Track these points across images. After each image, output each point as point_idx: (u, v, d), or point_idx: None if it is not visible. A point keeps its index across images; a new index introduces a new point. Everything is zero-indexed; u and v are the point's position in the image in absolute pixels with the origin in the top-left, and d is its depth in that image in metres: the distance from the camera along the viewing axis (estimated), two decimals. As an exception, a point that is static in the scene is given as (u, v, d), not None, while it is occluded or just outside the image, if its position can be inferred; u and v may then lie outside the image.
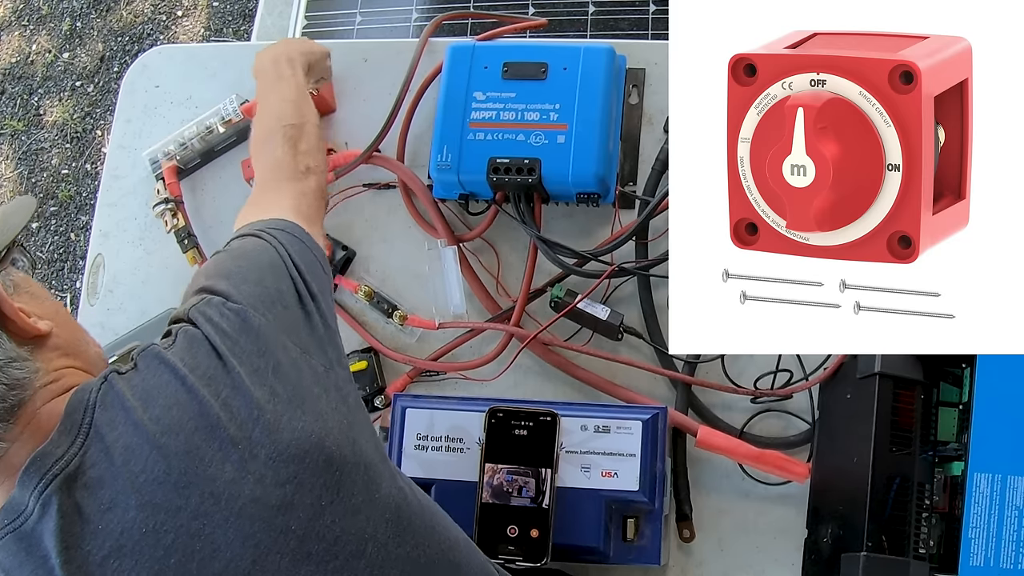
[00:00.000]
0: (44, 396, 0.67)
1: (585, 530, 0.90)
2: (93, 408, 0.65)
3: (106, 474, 0.63)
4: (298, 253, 0.78)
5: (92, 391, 0.66)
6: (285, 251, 0.77)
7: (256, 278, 0.74)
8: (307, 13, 1.64)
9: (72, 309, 2.31)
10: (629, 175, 1.11)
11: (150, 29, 2.49)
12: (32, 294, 0.70)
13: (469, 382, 1.08)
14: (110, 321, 1.21)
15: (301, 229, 0.82)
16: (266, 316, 0.70)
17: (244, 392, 0.66)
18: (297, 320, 0.73)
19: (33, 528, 0.62)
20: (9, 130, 2.51)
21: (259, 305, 0.71)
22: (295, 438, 0.65)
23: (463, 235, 1.11)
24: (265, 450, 0.64)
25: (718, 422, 1.02)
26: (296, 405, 0.67)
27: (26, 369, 0.66)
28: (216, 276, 0.74)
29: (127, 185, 1.25)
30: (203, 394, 0.65)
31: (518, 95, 1.05)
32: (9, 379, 0.64)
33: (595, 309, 1.03)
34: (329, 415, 0.68)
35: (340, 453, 0.67)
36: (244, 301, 0.71)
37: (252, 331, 0.69)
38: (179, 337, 0.69)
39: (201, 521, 0.63)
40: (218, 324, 0.69)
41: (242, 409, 0.65)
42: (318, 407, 0.68)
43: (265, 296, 0.72)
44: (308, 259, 0.79)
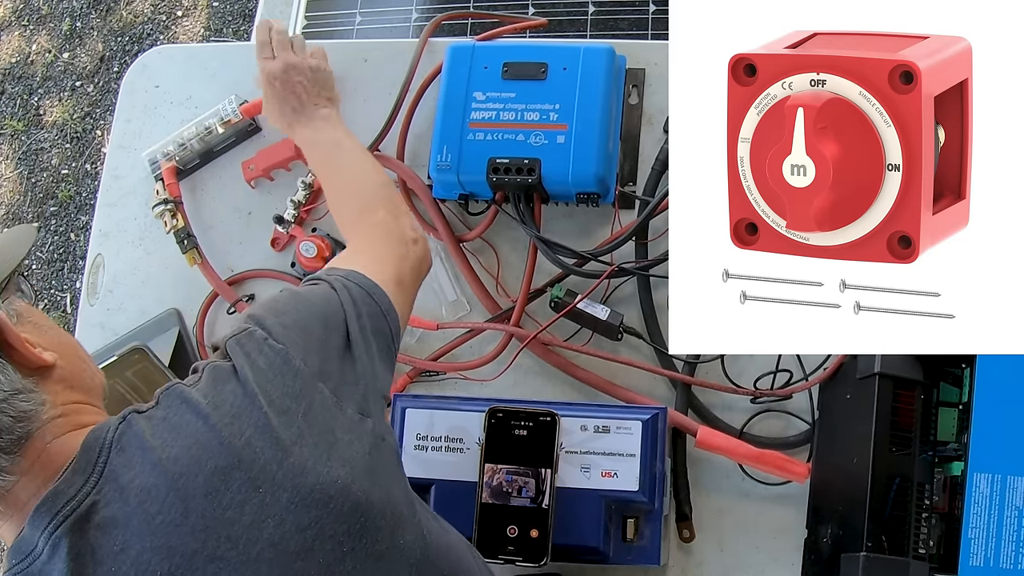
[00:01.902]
0: (53, 431, 0.65)
1: (585, 530, 0.90)
2: (110, 447, 0.64)
3: (120, 515, 0.61)
4: (367, 314, 0.75)
5: (110, 430, 0.65)
6: (353, 306, 0.74)
7: (304, 324, 0.72)
8: (307, 13, 1.63)
9: (72, 309, 2.31)
10: (629, 175, 1.11)
11: (150, 29, 2.49)
12: (36, 324, 0.69)
13: (469, 382, 1.08)
14: (110, 321, 1.21)
15: (382, 292, 0.78)
16: (306, 361, 0.68)
17: (270, 432, 0.64)
18: (337, 368, 0.70)
19: (41, 570, 0.61)
20: (9, 130, 2.51)
21: (301, 350, 0.69)
22: (320, 482, 0.63)
23: (463, 235, 1.11)
24: (287, 493, 0.63)
25: (718, 422, 1.02)
26: (324, 450, 0.65)
27: (32, 401, 0.64)
28: (269, 310, 0.72)
29: (127, 185, 1.25)
30: (225, 434, 0.63)
31: (518, 95, 1.05)
32: (15, 411, 0.63)
33: (595, 309, 1.03)
34: (358, 461, 0.66)
35: (367, 499, 0.65)
36: (287, 343, 0.69)
37: (289, 372, 0.67)
38: (205, 374, 0.67)
39: (217, 565, 0.61)
40: (255, 361, 0.67)
41: (266, 450, 0.63)
42: (347, 453, 0.66)
43: (308, 343, 0.70)
44: (376, 323, 0.76)
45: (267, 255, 1.19)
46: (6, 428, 0.62)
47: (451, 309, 1.12)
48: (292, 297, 0.75)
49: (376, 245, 0.87)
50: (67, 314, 2.33)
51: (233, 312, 1.16)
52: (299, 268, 1.15)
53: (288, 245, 1.18)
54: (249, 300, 1.17)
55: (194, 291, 1.18)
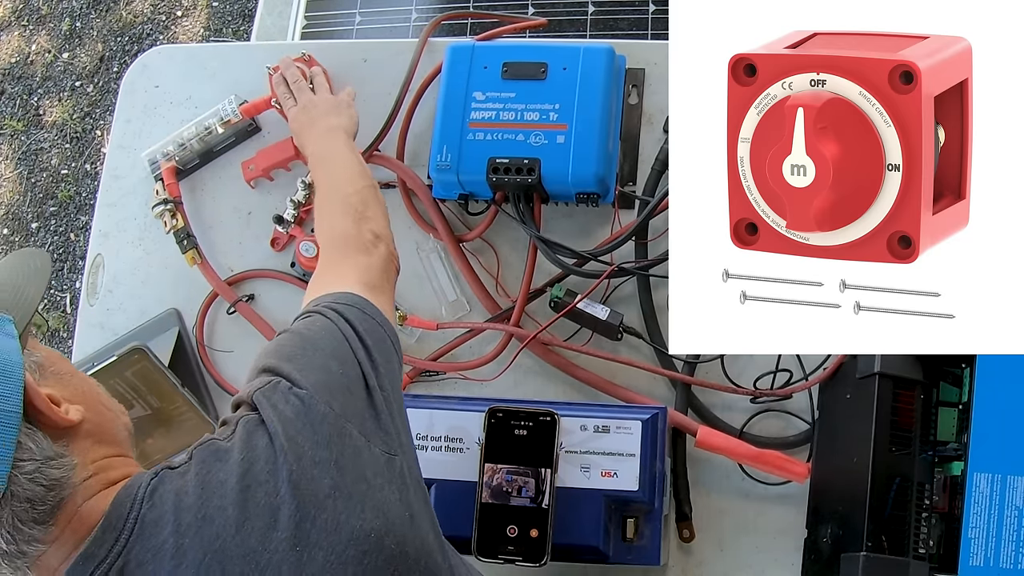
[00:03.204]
0: (84, 492, 0.64)
1: (585, 530, 0.90)
2: (141, 503, 0.63)
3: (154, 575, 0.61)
4: (366, 331, 0.75)
5: (141, 487, 0.64)
6: (351, 329, 0.75)
7: (321, 363, 0.71)
8: (307, 13, 1.64)
9: (72, 309, 2.31)
10: (629, 175, 1.11)
11: (150, 29, 2.49)
12: (57, 373, 0.67)
13: (469, 382, 1.08)
14: (110, 321, 1.21)
15: (369, 304, 0.79)
16: (331, 404, 0.68)
17: (303, 487, 0.63)
18: (361, 405, 0.70)
19: None
20: (9, 130, 2.51)
21: (324, 392, 0.68)
22: (354, 537, 0.63)
23: (463, 235, 1.11)
24: (323, 552, 0.62)
25: (718, 422, 1.02)
26: (358, 500, 0.64)
27: (64, 467, 0.62)
28: (282, 358, 0.72)
29: (127, 185, 1.25)
30: (259, 494, 0.62)
31: (518, 95, 1.05)
32: (48, 479, 0.61)
33: (595, 309, 1.03)
34: (391, 507, 0.66)
35: (401, 550, 0.65)
36: (310, 387, 0.68)
37: (317, 420, 0.67)
38: (239, 429, 0.67)
39: None
40: (282, 412, 0.67)
41: (301, 507, 0.63)
42: (379, 499, 0.66)
43: (330, 382, 0.70)
44: (376, 335, 0.76)
45: (267, 255, 1.19)
46: (39, 498, 0.61)
47: (451, 309, 1.12)
48: (298, 340, 0.74)
49: (339, 262, 0.87)
50: (67, 314, 2.33)
51: (233, 312, 1.17)
52: (299, 268, 1.15)
53: (288, 245, 1.18)
54: (249, 300, 1.17)
55: (194, 291, 1.18)
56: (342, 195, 0.93)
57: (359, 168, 0.97)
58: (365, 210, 0.91)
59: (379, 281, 0.85)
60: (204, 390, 1.17)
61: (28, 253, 0.72)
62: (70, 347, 1.38)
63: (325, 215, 0.93)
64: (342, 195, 0.93)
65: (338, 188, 0.94)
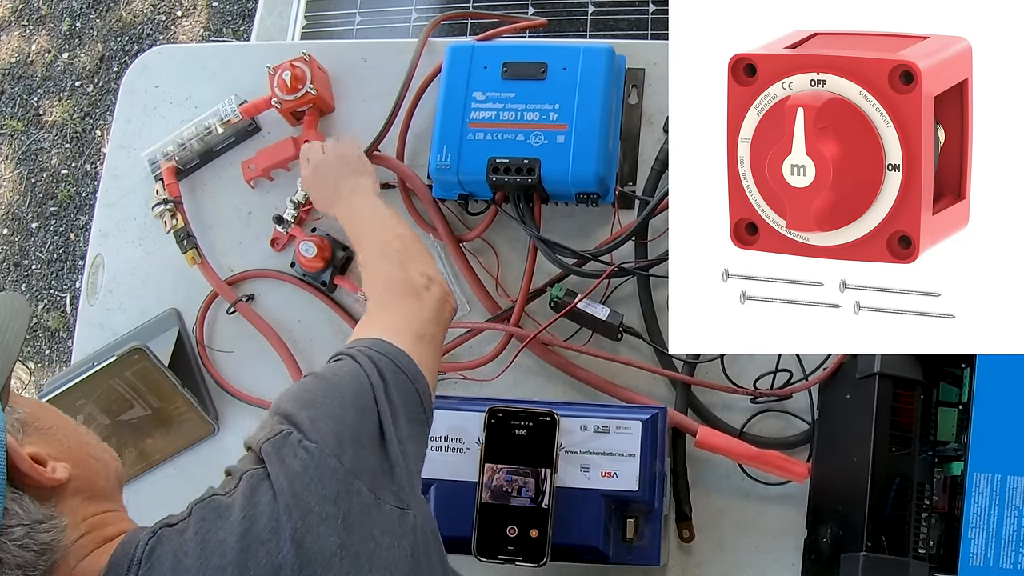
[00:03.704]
0: (77, 553, 0.62)
1: (585, 530, 0.90)
2: (139, 565, 0.61)
3: None
4: (394, 384, 0.73)
5: (139, 545, 0.62)
6: (380, 379, 0.73)
7: (338, 413, 0.69)
8: (307, 13, 1.64)
9: (72, 309, 2.31)
10: (629, 175, 1.11)
11: (150, 29, 2.49)
12: (41, 428, 0.65)
13: (469, 382, 1.08)
14: (110, 321, 1.21)
15: (405, 356, 0.76)
16: (341, 459, 0.66)
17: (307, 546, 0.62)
18: (374, 459, 0.69)
19: None
20: (9, 130, 2.51)
21: (335, 445, 0.67)
22: None
23: (463, 235, 1.11)
24: None
25: (718, 422, 1.02)
26: (365, 560, 0.63)
27: (54, 529, 0.61)
28: (300, 404, 0.70)
29: (127, 185, 1.25)
30: (260, 553, 0.61)
31: (518, 95, 1.05)
32: (38, 544, 0.60)
33: (595, 309, 1.03)
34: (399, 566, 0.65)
35: None
36: (320, 440, 0.67)
37: (326, 473, 0.65)
38: (241, 483, 0.65)
39: None
40: (290, 466, 0.65)
41: (305, 565, 0.61)
42: (387, 559, 0.64)
43: (343, 434, 0.68)
44: (404, 390, 0.74)
45: (267, 255, 1.19)
46: (30, 564, 0.59)
47: (451, 309, 1.12)
48: (321, 385, 0.73)
49: (387, 306, 0.84)
50: (67, 314, 2.33)
51: (233, 312, 1.17)
52: (299, 268, 1.15)
53: (288, 245, 1.18)
54: (249, 300, 1.17)
55: (194, 291, 1.18)
56: (381, 243, 0.90)
57: (393, 217, 0.94)
58: (408, 253, 0.88)
59: (427, 328, 0.82)
60: (204, 390, 1.17)
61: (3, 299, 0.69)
62: (70, 347, 1.38)
63: (369, 266, 0.90)
64: (381, 243, 0.90)
65: (376, 239, 0.91)
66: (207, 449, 1.16)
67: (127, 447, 1.15)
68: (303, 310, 1.17)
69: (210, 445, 1.16)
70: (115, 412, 1.13)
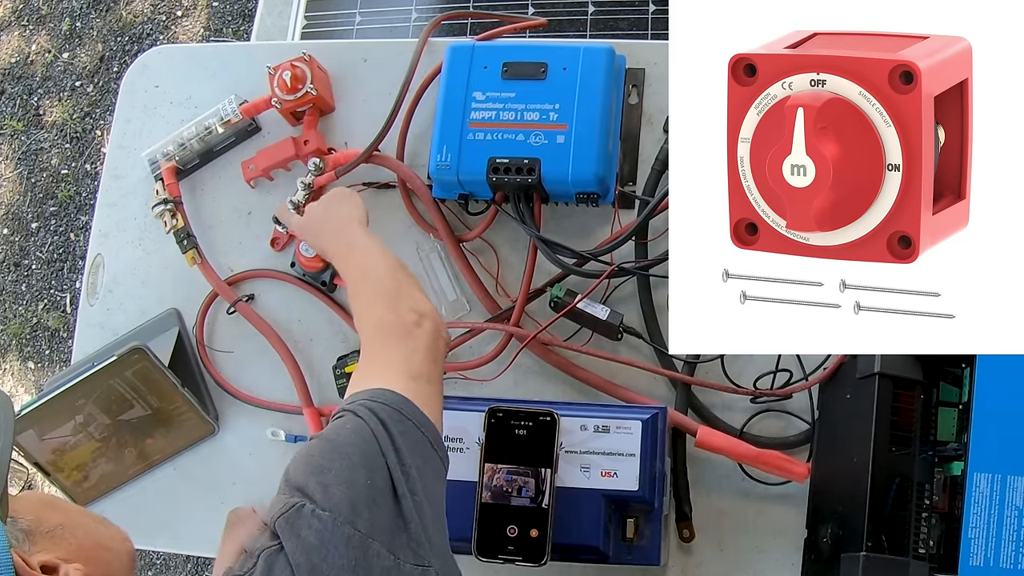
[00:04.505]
0: None
1: (585, 530, 0.90)
2: None
3: None
4: (400, 432, 0.73)
5: None
6: (384, 431, 0.72)
7: (347, 477, 0.69)
8: (307, 13, 1.64)
9: (72, 309, 2.31)
10: (629, 175, 1.11)
11: (150, 29, 2.49)
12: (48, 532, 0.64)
13: (469, 382, 1.08)
14: (110, 321, 1.21)
15: (408, 403, 0.75)
16: (356, 525, 0.66)
17: None
18: (389, 518, 0.68)
19: None
20: (9, 130, 2.51)
21: (348, 511, 0.66)
22: None
23: (463, 235, 1.11)
24: None
25: (718, 422, 1.02)
26: None
27: None
28: (309, 472, 0.69)
29: (127, 185, 1.25)
30: None
31: (518, 95, 1.05)
32: None
33: (595, 309, 1.03)
34: None
35: None
36: (332, 507, 0.66)
37: (342, 541, 0.65)
38: (260, 564, 0.65)
39: None
40: (306, 539, 0.65)
41: None
42: None
43: (356, 497, 0.68)
44: (411, 438, 0.73)
45: (267, 255, 1.19)
46: None
47: (451, 309, 1.12)
48: (327, 448, 0.72)
49: (380, 351, 0.83)
50: (67, 314, 2.33)
51: (233, 312, 1.17)
52: (299, 268, 1.15)
53: (288, 245, 1.18)
54: (249, 300, 1.17)
55: (194, 291, 1.18)
56: (372, 281, 0.89)
57: (382, 252, 0.93)
58: (399, 290, 0.87)
59: (424, 367, 0.81)
60: (204, 390, 1.17)
61: None
62: (70, 347, 1.38)
63: (361, 306, 0.89)
64: (372, 281, 0.89)
65: (367, 276, 0.90)
66: (207, 449, 1.16)
67: (127, 447, 1.15)
68: (303, 310, 1.17)
69: (210, 445, 1.16)
70: (115, 412, 1.13)
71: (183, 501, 1.15)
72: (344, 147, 1.18)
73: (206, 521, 1.05)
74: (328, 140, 1.19)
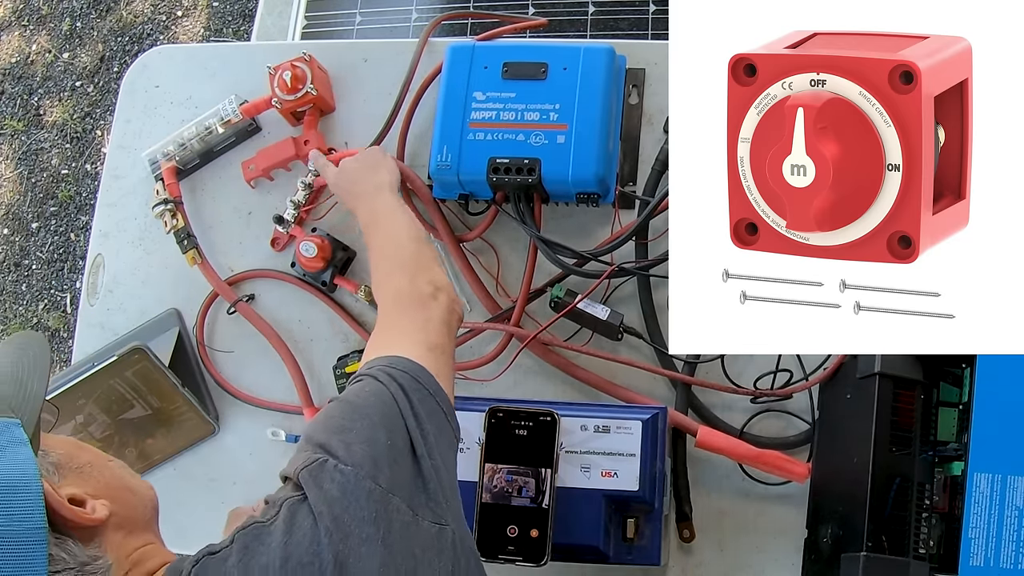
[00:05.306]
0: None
1: (585, 530, 0.90)
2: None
3: None
4: (419, 400, 0.74)
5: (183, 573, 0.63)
6: (404, 395, 0.73)
7: (369, 435, 0.70)
8: (307, 13, 1.64)
9: (72, 309, 2.31)
10: (629, 175, 1.11)
11: (150, 29, 2.49)
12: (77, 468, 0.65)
13: (469, 382, 1.08)
14: (110, 321, 1.21)
15: (423, 371, 0.77)
16: (377, 479, 0.67)
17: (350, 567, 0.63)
18: (408, 476, 0.69)
19: None
20: (9, 130, 2.51)
21: (371, 466, 0.68)
22: None
23: (463, 235, 1.11)
24: None
25: (718, 422, 1.02)
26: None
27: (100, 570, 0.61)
28: (330, 431, 0.71)
29: (127, 185, 1.25)
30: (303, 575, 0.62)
31: (518, 95, 1.05)
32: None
33: (595, 309, 1.03)
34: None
35: None
36: (355, 463, 0.67)
37: (363, 494, 0.66)
38: (282, 510, 0.66)
39: None
40: (328, 491, 0.66)
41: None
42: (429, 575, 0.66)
43: (377, 455, 0.69)
44: (428, 406, 0.74)
45: (267, 255, 1.19)
46: None
47: (451, 309, 1.12)
48: (347, 409, 0.73)
49: (396, 319, 0.85)
50: (67, 314, 2.33)
51: (233, 312, 1.17)
52: (299, 268, 1.15)
53: (288, 245, 1.18)
54: (249, 300, 1.17)
55: (194, 291, 1.18)
56: (394, 251, 0.90)
57: (408, 223, 0.94)
58: (419, 262, 0.88)
59: (439, 338, 0.82)
60: (204, 390, 1.17)
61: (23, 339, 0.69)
62: (70, 347, 1.38)
63: (380, 274, 0.91)
64: (394, 251, 0.90)
65: (389, 246, 0.91)
66: (207, 449, 1.16)
67: (127, 447, 1.15)
68: (303, 310, 1.17)
69: (210, 445, 1.16)
70: (115, 412, 1.13)
71: (183, 501, 1.15)
72: (344, 147, 1.19)
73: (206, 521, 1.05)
74: (328, 140, 1.19)
